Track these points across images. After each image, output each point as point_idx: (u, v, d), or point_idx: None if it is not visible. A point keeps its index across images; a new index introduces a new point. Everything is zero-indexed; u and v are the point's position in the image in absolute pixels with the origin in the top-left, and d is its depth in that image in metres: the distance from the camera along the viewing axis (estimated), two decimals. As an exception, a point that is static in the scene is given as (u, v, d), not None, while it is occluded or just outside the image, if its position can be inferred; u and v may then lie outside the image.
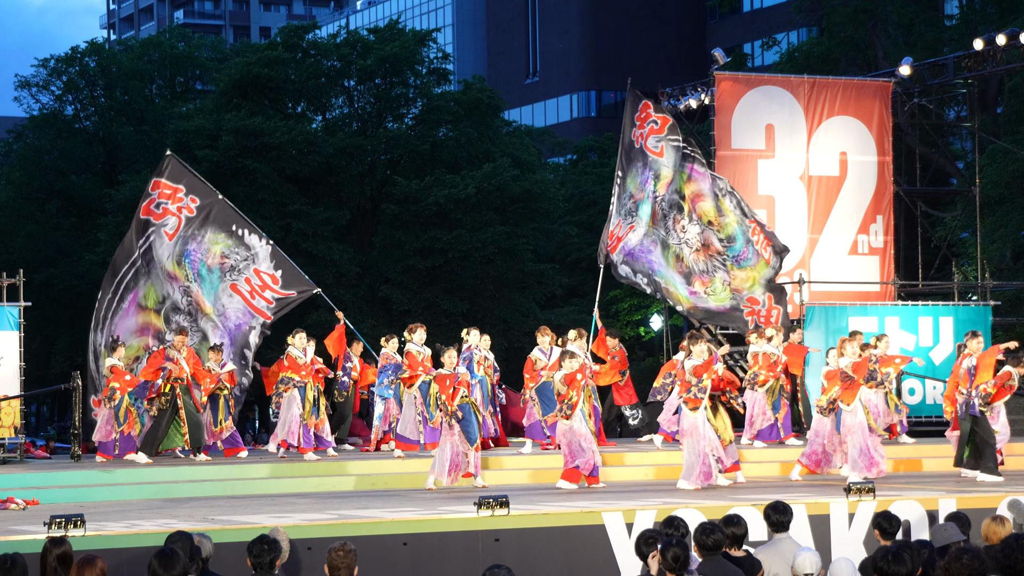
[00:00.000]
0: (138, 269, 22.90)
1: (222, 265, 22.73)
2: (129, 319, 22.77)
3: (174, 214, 22.84)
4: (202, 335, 22.72)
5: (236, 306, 22.76)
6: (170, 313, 22.72)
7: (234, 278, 22.73)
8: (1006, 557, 7.89)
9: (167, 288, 22.84)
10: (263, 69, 44.47)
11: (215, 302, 22.77)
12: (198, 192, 23.03)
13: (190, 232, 22.80)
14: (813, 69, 35.54)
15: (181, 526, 12.90)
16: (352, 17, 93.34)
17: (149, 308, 22.80)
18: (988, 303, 26.81)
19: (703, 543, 10.10)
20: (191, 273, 22.76)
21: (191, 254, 22.78)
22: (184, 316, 22.71)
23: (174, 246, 22.77)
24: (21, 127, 56.27)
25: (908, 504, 15.34)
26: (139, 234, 23.04)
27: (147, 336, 22.72)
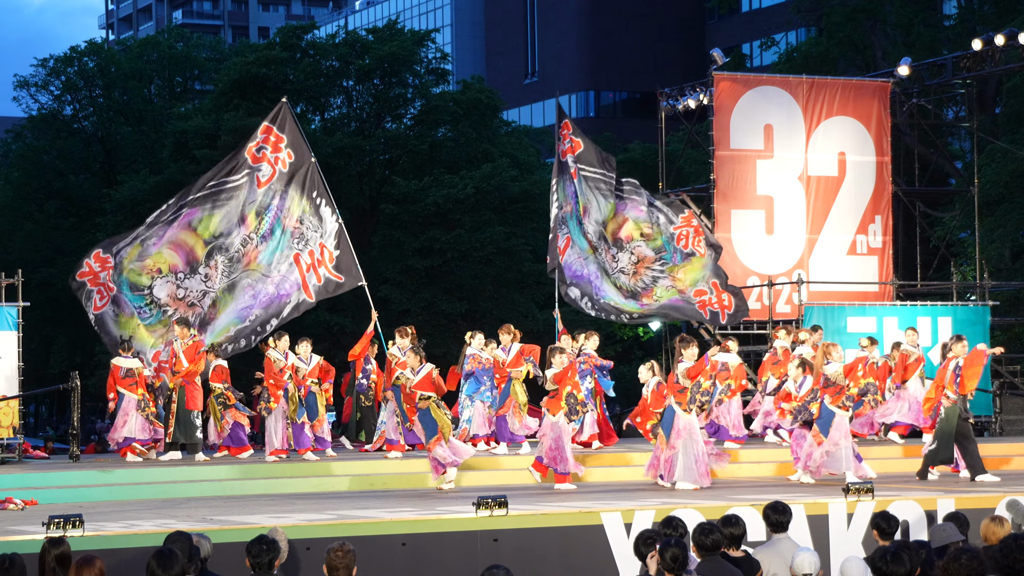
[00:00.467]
0: (211, 195, 22.36)
1: (295, 230, 22.41)
2: (172, 230, 22.26)
3: (271, 164, 22.46)
4: (230, 285, 22.33)
5: (290, 277, 22.40)
6: (215, 251, 22.25)
7: (299, 247, 22.40)
8: (1004, 557, 7.89)
9: (231, 227, 22.38)
10: (262, 69, 44.48)
11: (272, 263, 22.40)
12: (296, 149, 22.67)
13: (279, 187, 22.45)
14: (812, 69, 35.55)
15: (180, 526, 12.90)
16: (351, 17, 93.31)
17: (199, 234, 22.30)
18: (987, 303, 26.83)
19: (702, 543, 10.10)
20: (264, 228, 22.36)
21: (272, 209, 22.40)
22: (225, 259, 22.26)
23: (261, 195, 22.36)
24: (20, 127, 56.30)
25: (906, 504, 15.35)
26: (232, 169, 22.51)
27: (179, 256, 22.23)
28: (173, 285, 22.15)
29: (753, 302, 27.13)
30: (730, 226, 27.23)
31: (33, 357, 21.07)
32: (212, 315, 22.32)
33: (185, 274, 22.08)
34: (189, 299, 22.14)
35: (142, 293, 22.15)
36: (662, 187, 28.95)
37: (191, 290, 22.19)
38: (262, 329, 22.35)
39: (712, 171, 27.20)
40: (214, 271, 22.22)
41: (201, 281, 22.21)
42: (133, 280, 22.14)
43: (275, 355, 20.70)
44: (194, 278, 22.16)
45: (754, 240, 27.38)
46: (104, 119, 54.38)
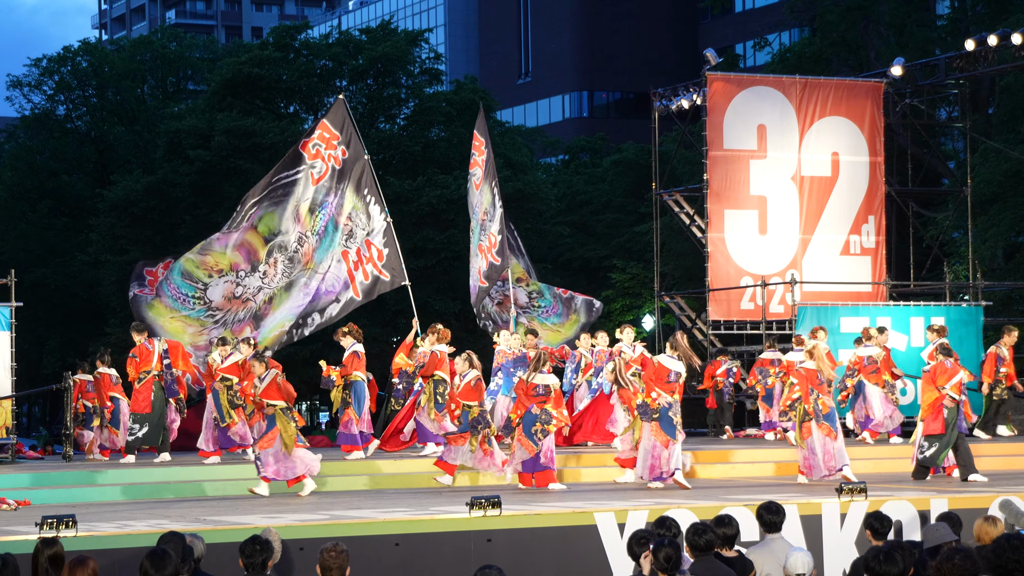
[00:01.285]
0: (270, 195, 22.39)
1: (345, 226, 22.40)
2: (237, 233, 22.34)
3: (324, 160, 22.40)
4: (288, 284, 22.34)
5: (338, 273, 22.37)
6: (275, 250, 22.23)
7: (348, 244, 22.40)
8: (997, 557, 7.89)
9: (287, 225, 22.37)
10: (255, 69, 44.47)
11: (324, 260, 22.38)
12: (350, 146, 22.62)
13: (332, 183, 22.40)
14: (805, 69, 35.56)
15: (173, 526, 12.88)
16: (344, 17, 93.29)
17: (259, 233, 22.32)
18: (979, 303, 26.86)
19: (695, 543, 10.10)
20: (319, 225, 22.32)
21: (327, 206, 22.37)
22: (284, 258, 22.25)
23: (315, 192, 22.32)
24: (13, 127, 56.24)
25: (900, 504, 15.35)
26: (288, 165, 22.52)
27: (241, 255, 22.22)
28: (232, 284, 22.11)
29: (746, 302, 27.19)
30: (723, 226, 27.24)
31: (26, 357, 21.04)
32: (266, 311, 22.20)
33: (246, 272, 22.08)
34: (245, 295, 22.11)
35: (194, 284, 22.09)
36: (655, 187, 28.97)
37: (248, 287, 22.19)
38: (303, 322, 22.28)
39: (705, 171, 27.21)
40: (273, 269, 22.21)
41: (259, 278, 22.22)
42: (188, 269, 22.09)
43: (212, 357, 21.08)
44: (253, 276, 22.18)
45: (747, 240, 27.40)
46: (97, 119, 54.34)
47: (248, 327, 22.03)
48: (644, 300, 43.68)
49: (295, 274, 22.37)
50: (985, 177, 34.36)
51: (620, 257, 45.96)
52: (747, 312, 27.07)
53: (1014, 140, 35.59)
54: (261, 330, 22.08)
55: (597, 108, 76.33)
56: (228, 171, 42.06)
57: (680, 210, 28.47)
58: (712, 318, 26.93)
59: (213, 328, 22.10)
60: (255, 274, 22.28)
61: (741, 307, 27.14)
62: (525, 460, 18.50)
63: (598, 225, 50.60)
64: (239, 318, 21.97)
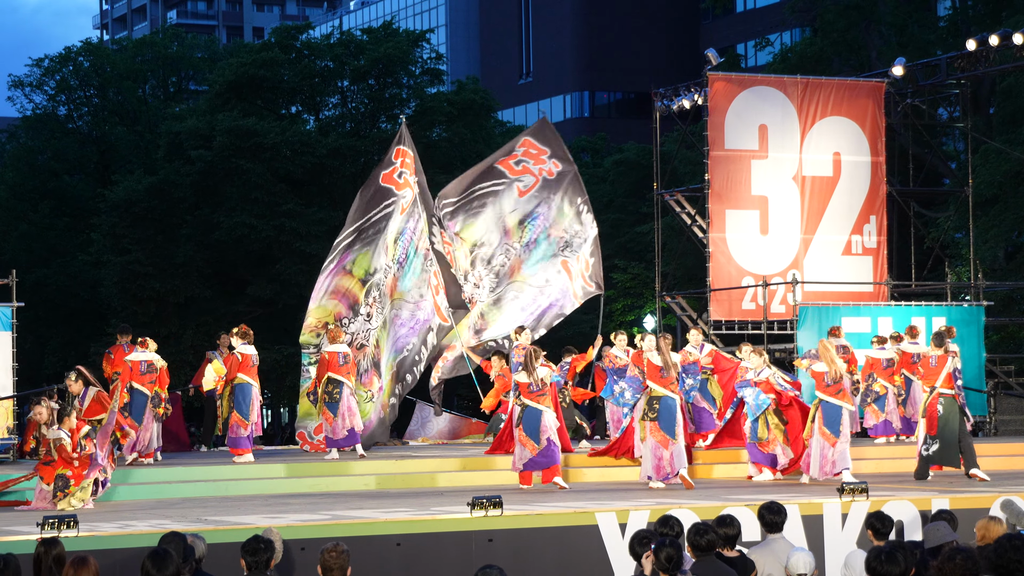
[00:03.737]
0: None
1: (560, 239, 22.32)
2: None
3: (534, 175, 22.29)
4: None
5: (560, 285, 22.35)
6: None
7: (565, 255, 22.37)
8: (999, 557, 7.89)
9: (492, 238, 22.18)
10: (257, 69, 44.47)
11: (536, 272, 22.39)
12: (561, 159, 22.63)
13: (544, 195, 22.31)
14: (806, 69, 35.56)
15: (174, 526, 12.88)
16: (345, 18, 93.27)
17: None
18: (981, 303, 26.87)
19: (696, 543, 10.10)
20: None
21: (539, 218, 22.27)
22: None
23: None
24: (14, 127, 56.23)
25: (901, 504, 15.35)
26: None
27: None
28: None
29: (748, 302, 27.17)
30: (725, 226, 27.24)
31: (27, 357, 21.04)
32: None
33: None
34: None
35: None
36: (657, 187, 28.97)
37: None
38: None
39: (707, 171, 27.21)
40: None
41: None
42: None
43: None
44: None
45: (749, 240, 27.39)
46: (99, 119, 54.33)
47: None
48: (645, 300, 43.67)
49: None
50: (986, 177, 34.37)
51: (621, 257, 45.96)
52: (748, 312, 27.06)
53: (1015, 140, 35.59)
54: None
55: (598, 108, 76.31)
56: (229, 171, 42.06)
57: (681, 210, 28.46)
58: (713, 318, 26.93)
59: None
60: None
61: (742, 307, 27.13)
62: (528, 459, 18.52)
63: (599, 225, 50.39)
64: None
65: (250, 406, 20.84)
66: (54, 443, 16.62)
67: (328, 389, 21.15)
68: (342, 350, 21.38)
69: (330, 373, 21.20)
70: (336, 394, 21.06)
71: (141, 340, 21.24)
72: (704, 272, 27.38)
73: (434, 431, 26.98)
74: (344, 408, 21.03)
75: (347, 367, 21.30)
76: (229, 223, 41.35)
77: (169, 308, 42.33)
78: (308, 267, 37.47)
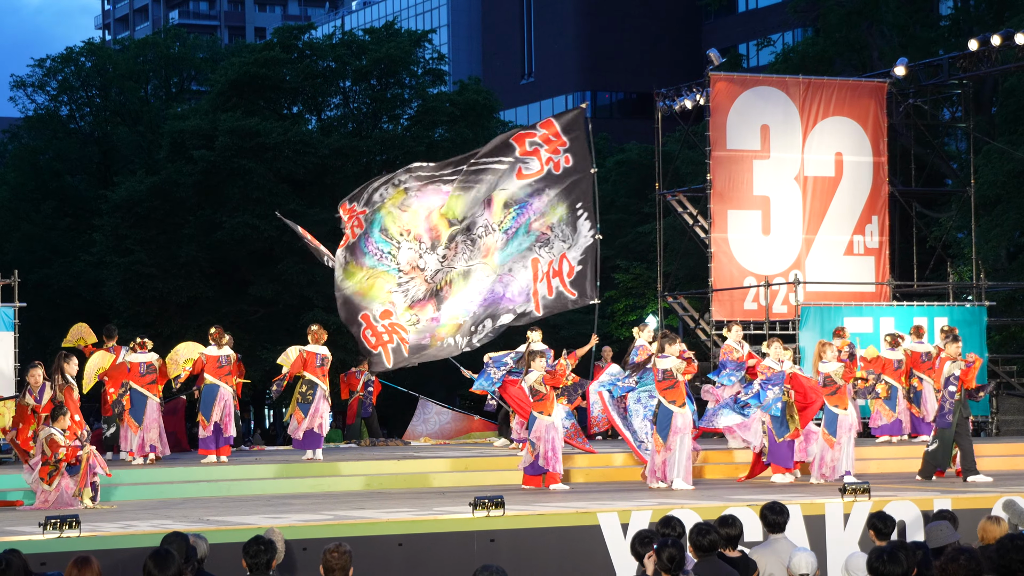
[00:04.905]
0: (467, 175, 21.32)
1: (541, 235, 21.44)
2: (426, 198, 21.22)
3: (541, 161, 21.34)
4: (466, 271, 21.36)
5: (521, 282, 21.42)
6: (457, 235, 21.30)
7: (541, 253, 21.44)
8: (1001, 557, 7.89)
9: (474, 210, 21.38)
10: (259, 69, 44.47)
11: (505, 263, 21.46)
12: (578, 156, 21.54)
13: (542, 186, 21.41)
14: (808, 70, 35.53)
15: (176, 527, 12.89)
16: (347, 18, 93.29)
17: (444, 216, 21.33)
18: (983, 303, 26.86)
19: (698, 543, 10.10)
20: (510, 223, 21.36)
21: (526, 207, 21.39)
22: (466, 241, 21.34)
23: (518, 187, 21.35)
24: (16, 127, 56.24)
25: (903, 504, 15.36)
26: (495, 152, 21.45)
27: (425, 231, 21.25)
28: (416, 254, 21.30)
29: (750, 303, 27.16)
30: (727, 226, 27.23)
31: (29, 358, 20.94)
32: (447, 293, 21.45)
33: (427, 248, 21.23)
34: (426, 274, 21.32)
35: (390, 240, 21.19)
36: (659, 187, 28.95)
37: (428, 267, 21.35)
38: (475, 328, 21.52)
39: (709, 172, 27.19)
40: (452, 252, 21.35)
41: (438, 261, 21.35)
42: (387, 224, 21.18)
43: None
44: (432, 256, 21.31)
45: (751, 240, 27.38)
46: (100, 119, 54.34)
47: (431, 305, 21.25)
48: (647, 300, 43.63)
49: (474, 263, 21.37)
50: (988, 178, 34.34)
51: (623, 257, 45.94)
52: (750, 312, 27.04)
53: (1017, 141, 35.57)
54: (442, 313, 21.31)
55: (600, 108, 76.27)
56: (232, 171, 42.06)
57: (683, 210, 28.45)
58: (715, 318, 26.92)
59: (396, 292, 21.29)
60: (433, 254, 21.32)
61: (744, 307, 27.11)
62: (529, 462, 18.57)
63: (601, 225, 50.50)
64: (419, 295, 21.19)
65: (212, 407, 20.93)
66: (46, 439, 16.63)
67: (302, 390, 21.27)
68: (321, 352, 21.46)
69: (306, 373, 21.29)
70: (310, 395, 21.19)
71: (140, 342, 21.27)
72: (706, 272, 27.37)
73: (436, 429, 27.00)
74: (314, 410, 21.13)
75: (323, 368, 21.36)
76: (231, 223, 41.35)
77: (171, 308, 42.34)
78: (310, 267, 37.47)
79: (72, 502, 16.43)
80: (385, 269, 21.19)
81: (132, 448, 20.76)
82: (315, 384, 21.27)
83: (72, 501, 16.45)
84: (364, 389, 27.08)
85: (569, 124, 21.64)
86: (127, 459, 20.70)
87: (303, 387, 21.32)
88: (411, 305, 21.21)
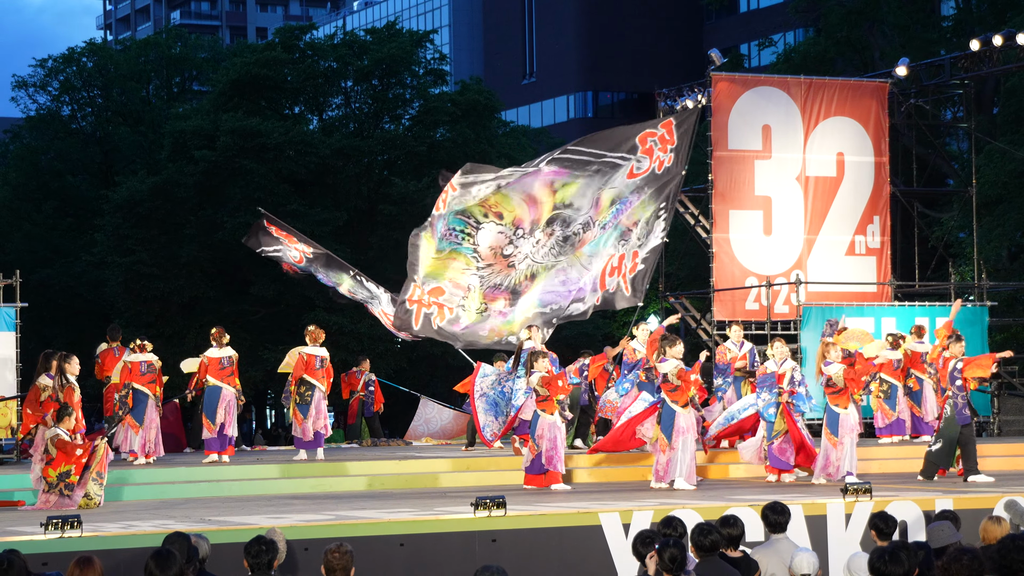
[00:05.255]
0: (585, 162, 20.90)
1: (626, 230, 21.31)
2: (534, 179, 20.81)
3: (652, 160, 21.17)
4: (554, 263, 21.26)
5: (594, 273, 21.29)
6: (556, 220, 20.94)
7: (619, 248, 21.35)
8: (1003, 557, 7.88)
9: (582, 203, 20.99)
10: (260, 70, 44.46)
11: (593, 254, 21.34)
12: (678, 156, 21.48)
13: (642, 183, 21.21)
14: (810, 70, 35.53)
15: (178, 527, 12.89)
16: (349, 18, 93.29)
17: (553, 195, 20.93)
18: (985, 303, 26.85)
19: (700, 544, 10.10)
20: (608, 218, 21.18)
21: (626, 204, 21.21)
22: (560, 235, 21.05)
23: (624, 185, 21.19)
24: (18, 127, 56.22)
25: (905, 505, 15.34)
26: (621, 147, 21.20)
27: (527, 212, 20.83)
28: (505, 238, 20.97)
29: (751, 302, 27.16)
30: (728, 227, 27.22)
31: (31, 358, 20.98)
32: (527, 287, 21.39)
33: (524, 232, 20.93)
34: (512, 260, 21.05)
35: (466, 220, 20.84)
36: (660, 187, 28.92)
37: (519, 251, 21.07)
38: (555, 322, 21.38)
39: (710, 172, 27.18)
40: (547, 238, 21.10)
41: (532, 245, 21.10)
42: (472, 208, 20.85)
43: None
44: (528, 240, 21.06)
45: (752, 241, 27.38)
46: (102, 119, 54.33)
47: (503, 299, 21.12)
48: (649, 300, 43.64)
49: (566, 256, 21.20)
50: (990, 178, 34.36)
51: (625, 257, 45.90)
52: (752, 312, 27.04)
53: (1019, 141, 35.57)
54: (514, 309, 21.22)
55: (602, 108, 76.29)
56: (233, 171, 42.06)
57: (685, 210, 28.44)
58: (717, 318, 26.92)
59: (472, 274, 21.04)
60: (530, 238, 21.01)
61: (746, 308, 27.11)
62: (531, 462, 18.57)
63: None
64: (496, 283, 21.00)
65: (215, 409, 20.95)
66: (52, 440, 16.63)
67: (301, 391, 21.29)
68: (320, 353, 21.48)
69: (305, 375, 21.31)
70: (308, 396, 21.21)
71: (140, 344, 21.28)
72: (708, 272, 27.36)
73: (437, 429, 27.01)
74: (314, 411, 21.15)
75: (323, 371, 21.37)
76: (233, 223, 41.33)
77: (173, 308, 42.34)
78: (311, 267, 37.43)
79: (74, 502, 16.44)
80: (453, 248, 20.91)
81: (134, 448, 20.77)
82: (313, 385, 21.27)
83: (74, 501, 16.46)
84: (365, 389, 27.11)
85: (682, 126, 21.58)
86: (128, 459, 20.72)
87: (301, 388, 21.33)
88: (485, 294, 21.12)
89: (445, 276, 21.02)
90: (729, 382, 22.13)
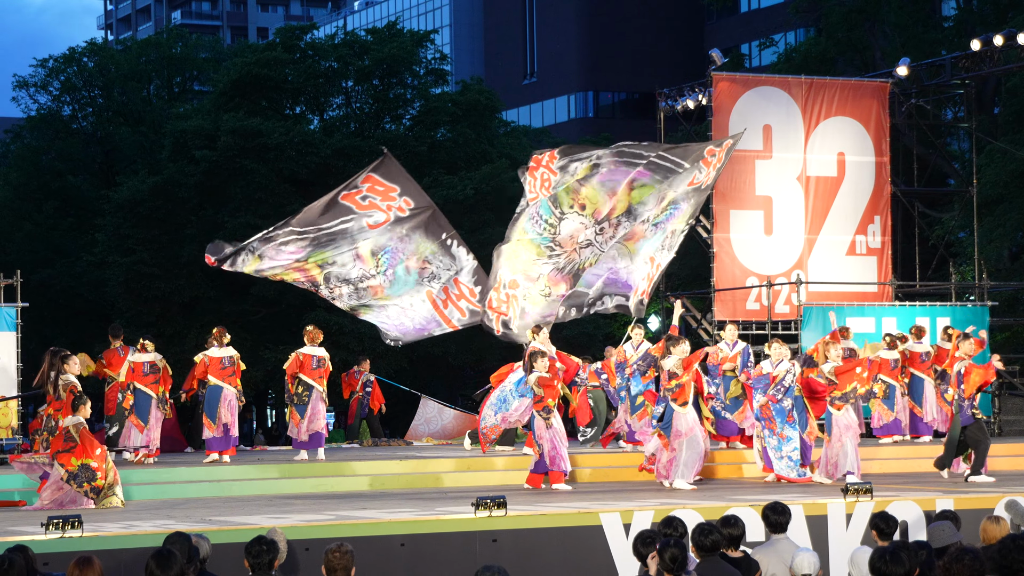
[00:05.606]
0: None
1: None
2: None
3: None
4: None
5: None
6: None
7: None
8: (1003, 557, 7.88)
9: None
10: (261, 69, 44.46)
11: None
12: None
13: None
14: (810, 70, 35.53)
15: (178, 527, 12.90)
16: (350, 18, 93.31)
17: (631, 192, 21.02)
18: (985, 303, 26.85)
19: (701, 544, 10.10)
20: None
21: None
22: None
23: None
24: (19, 127, 56.23)
25: (905, 505, 15.35)
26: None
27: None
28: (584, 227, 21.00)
29: (752, 302, 27.17)
30: (729, 226, 27.23)
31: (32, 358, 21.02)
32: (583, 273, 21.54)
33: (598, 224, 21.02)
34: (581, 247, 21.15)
35: (553, 211, 20.99)
36: (661, 187, 28.92)
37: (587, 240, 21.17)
38: (592, 303, 21.69)
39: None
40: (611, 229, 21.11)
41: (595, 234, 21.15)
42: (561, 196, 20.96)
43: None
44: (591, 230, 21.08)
45: (753, 240, 27.38)
46: (103, 119, 54.32)
47: (565, 283, 21.17)
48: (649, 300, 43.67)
49: (615, 244, 21.29)
50: (991, 177, 34.35)
51: (626, 257, 45.90)
52: (753, 312, 27.05)
53: (1020, 141, 35.57)
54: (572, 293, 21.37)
55: (602, 108, 76.31)
56: (234, 171, 42.06)
57: (685, 210, 28.43)
58: (718, 318, 26.92)
59: (544, 264, 21.15)
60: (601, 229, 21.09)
61: (747, 307, 27.13)
62: (535, 462, 18.59)
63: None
64: (560, 266, 21.03)
65: (216, 408, 20.95)
66: (75, 428, 16.62)
67: (298, 391, 21.29)
68: (317, 354, 21.48)
69: (301, 375, 21.32)
70: (305, 396, 21.22)
71: (142, 344, 21.30)
72: (708, 272, 27.37)
73: (438, 429, 27.01)
74: (311, 411, 21.14)
75: (320, 371, 21.37)
76: (233, 223, 41.32)
77: (173, 308, 42.34)
78: (312, 267, 37.44)
79: (75, 501, 16.44)
80: (531, 238, 21.03)
81: (139, 446, 20.81)
82: (311, 386, 21.27)
83: (75, 500, 16.46)
84: (363, 389, 27.12)
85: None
86: (131, 459, 20.73)
87: (299, 388, 21.33)
88: (550, 277, 21.16)
89: (519, 268, 21.13)
90: (718, 382, 22.16)
